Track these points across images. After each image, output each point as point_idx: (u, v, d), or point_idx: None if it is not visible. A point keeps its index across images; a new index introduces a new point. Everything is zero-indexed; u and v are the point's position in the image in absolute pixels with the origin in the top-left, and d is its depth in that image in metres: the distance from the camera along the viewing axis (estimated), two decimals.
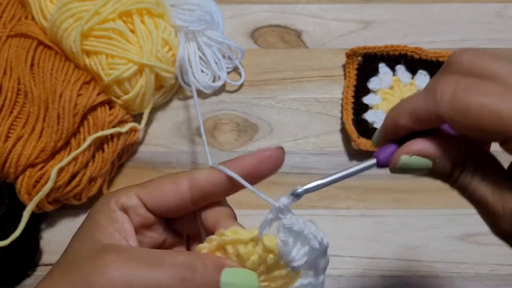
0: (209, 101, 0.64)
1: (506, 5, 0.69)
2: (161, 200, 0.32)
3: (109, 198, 0.32)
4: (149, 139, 0.62)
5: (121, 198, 0.32)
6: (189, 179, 0.32)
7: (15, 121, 0.53)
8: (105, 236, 0.31)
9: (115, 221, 0.31)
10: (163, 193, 0.32)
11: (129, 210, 0.32)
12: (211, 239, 0.31)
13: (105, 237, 0.31)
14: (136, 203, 0.32)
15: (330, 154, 0.61)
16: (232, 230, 0.30)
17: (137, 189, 0.33)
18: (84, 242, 0.31)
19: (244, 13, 0.70)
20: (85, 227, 0.32)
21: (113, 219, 0.31)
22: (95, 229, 0.31)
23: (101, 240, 0.30)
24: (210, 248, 0.31)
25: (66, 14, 0.55)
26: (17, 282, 0.54)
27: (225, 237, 0.30)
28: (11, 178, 0.52)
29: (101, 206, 0.32)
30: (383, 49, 0.64)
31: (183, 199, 0.32)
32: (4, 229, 0.51)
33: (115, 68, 0.56)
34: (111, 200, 0.32)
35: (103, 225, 0.31)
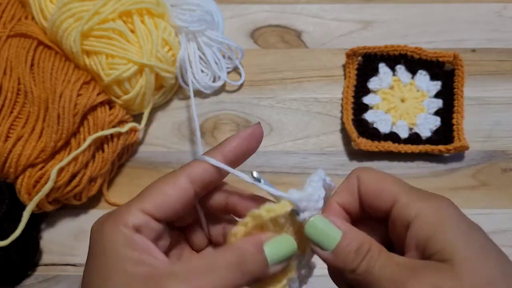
0: (209, 101, 0.64)
1: (506, 5, 0.69)
2: (168, 207, 0.32)
3: (115, 222, 0.31)
4: (149, 139, 0.62)
5: (128, 219, 0.31)
6: (187, 176, 0.33)
7: (15, 121, 0.53)
8: (138, 265, 0.29)
9: (136, 245, 0.30)
10: (168, 199, 0.32)
11: (141, 228, 0.31)
12: (246, 222, 0.32)
13: (138, 265, 0.29)
14: (145, 219, 0.31)
15: (330, 154, 0.61)
16: (266, 209, 0.32)
17: (139, 204, 0.32)
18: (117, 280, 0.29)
19: (244, 13, 0.70)
20: (105, 263, 0.30)
21: (133, 244, 0.30)
22: (121, 262, 0.29)
23: (137, 270, 0.29)
24: (247, 230, 0.32)
25: (66, 14, 0.55)
26: (17, 282, 0.54)
27: (263, 217, 0.32)
28: (11, 178, 0.52)
29: (110, 234, 0.30)
30: (383, 49, 0.64)
31: (189, 198, 0.33)
32: (4, 229, 0.51)
33: (115, 68, 0.56)
34: (118, 225, 0.30)
35: (127, 256, 0.29)
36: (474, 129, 0.61)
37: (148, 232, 0.31)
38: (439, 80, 0.63)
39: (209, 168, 0.33)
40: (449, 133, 0.60)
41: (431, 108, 0.62)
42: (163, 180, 0.33)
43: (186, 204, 0.33)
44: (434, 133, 0.60)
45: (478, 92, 0.63)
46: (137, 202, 0.32)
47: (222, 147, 0.34)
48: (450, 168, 0.59)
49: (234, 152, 0.34)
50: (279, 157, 0.61)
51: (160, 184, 0.33)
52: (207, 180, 0.33)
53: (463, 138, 0.59)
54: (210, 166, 0.33)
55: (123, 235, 0.30)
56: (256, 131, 0.35)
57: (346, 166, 0.60)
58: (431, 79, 0.63)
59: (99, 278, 0.30)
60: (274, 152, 0.61)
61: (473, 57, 0.66)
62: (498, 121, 0.62)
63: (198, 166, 0.33)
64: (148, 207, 0.31)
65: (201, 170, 0.33)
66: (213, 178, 0.34)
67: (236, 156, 0.34)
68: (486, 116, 0.62)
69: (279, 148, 0.61)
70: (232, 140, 0.34)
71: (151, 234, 0.32)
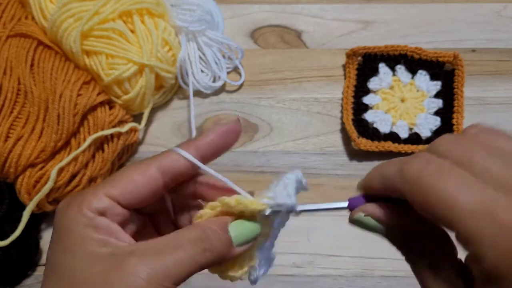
0: (209, 101, 0.64)
1: (506, 5, 0.69)
2: (135, 194, 0.32)
3: (79, 205, 0.31)
4: (149, 139, 0.62)
5: (93, 203, 0.31)
6: (157, 166, 0.32)
7: (15, 121, 0.53)
8: (101, 245, 0.29)
9: (99, 227, 0.30)
10: (135, 187, 0.32)
11: (106, 212, 0.31)
12: (215, 205, 0.32)
13: (102, 246, 0.29)
14: (110, 204, 0.31)
15: (330, 154, 0.61)
16: (236, 200, 0.32)
17: (105, 189, 0.31)
18: (79, 258, 0.29)
19: (244, 13, 0.70)
20: (68, 241, 0.30)
21: (97, 226, 0.30)
22: (84, 242, 0.29)
23: (100, 250, 0.29)
24: (213, 214, 0.33)
25: (66, 14, 0.55)
26: (17, 282, 0.54)
27: (232, 208, 0.32)
28: (11, 178, 0.52)
29: (74, 216, 0.30)
30: (383, 49, 0.64)
31: (157, 187, 0.32)
32: (4, 229, 0.51)
33: (115, 68, 0.56)
34: (82, 207, 0.30)
35: (90, 236, 0.30)
36: None
37: (113, 216, 0.31)
38: (439, 80, 0.63)
39: (181, 160, 0.33)
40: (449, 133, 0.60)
41: (431, 108, 0.62)
42: (133, 167, 0.33)
43: (153, 193, 0.33)
44: (434, 133, 0.60)
45: (478, 92, 0.64)
46: (103, 187, 0.31)
47: (196, 141, 0.34)
48: None
49: (208, 146, 0.34)
50: (279, 157, 0.61)
51: (130, 171, 0.32)
52: (177, 172, 0.33)
53: None
54: (182, 158, 0.33)
55: (87, 217, 0.30)
56: (234, 127, 0.34)
57: (346, 166, 0.60)
58: (431, 79, 0.63)
59: (62, 258, 0.30)
60: (274, 152, 0.61)
61: (473, 57, 0.66)
62: (498, 121, 0.62)
63: (169, 157, 0.33)
64: (114, 192, 0.31)
65: (172, 161, 0.33)
66: (184, 170, 0.33)
67: (210, 151, 0.34)
68: (486, 116, 0.62)
69: (279, 148, 0.61)
70: (208, 135, 0.34)
71: (115, 219, 0.31)
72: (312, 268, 0.56)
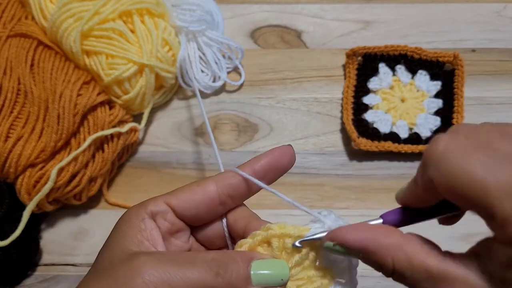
0: (209, 101, 0.64)
1: (506, 5, 0.69)
2: (190, 202, 0.33)
3: (139, 207, 0.33)
4: (149, 139, 0.62)
5: (150, 206, 0.33)
6: (214, 181, 0.34)
7: (15, 121, 0.53)
8: (133, 244, 0.31)
9: (143, 229, 0.32)
10: (192, 196, 0.33)
11: (157, 216, 0.33)
12: (255, 234, 0.32)
13: (134, 245, 0.31)
14: (164, 208, 0.33)
15: (330, 154, 0.61)
16: (279, 225, 0.31)
17: (165, 196, 0.34)
18: (114, 251, 0.31)
19: (244, 13, 0.70)
20: (114, 237, 0.32)
21: (141, 227, 0.32)
22: (123, 238, 0.32)
23: (131, 247, 0.31)
24: (253, 243, 0.32)
25: (66, 14, 0.55)
26: (17, 282, 0.54)
27: (272, 230, 0.31)
28: (11, 178, 0.52)
29: (129, 216, 0.33)
30: (383, 49, 0.64)
31: (212, 200, 0.34)
32: (4, 229, 0.51)
33: (115, 68, 0.56)
34: (140, 209, 0.33)
35: (131, 234, 0.32)
36: None
37: (162, 221, 0.33)
38: (439, 80, 0.63)
39: (237, 178, 0.34)
40: None
41: (431, 108, 0.62)
42: (194, 182, 0.35)
43: (208, 207, 0.34)
44: (434, 133, 0.60)
45: (478, 92, 0.63)
46: (165, 195, 0.34)
47: (252, 163, 0.35)
48: None
49: (264, 167, 0.35)
50: None
51: (190, 184, 0.34)
52: (233, 190, 0.34)
53: None
54: (238, 177, 0.34)
55: (138, 217, 0.32)
56: (287, 150, 0.36)
57: (346, 166, 0.60)
58: (431, 79, 0.63)
59: (104, 247, 0.32)
60: None
61: (473, 57, 0.66)
62: (498, 121, 0.62)
63: (227, 175, 0.34)
64: (171, 199, 0.33)
65: (229, 179, 0.34)
66: (240, 190, 0.34)
67: (266, 172, 0.35)
68: (486, 116, 0.62)
69: None
70: (263, 157, 0.35)
71: (165, 225, 0.33)
72: None
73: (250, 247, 0.32)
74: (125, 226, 0.32)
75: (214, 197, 0.34)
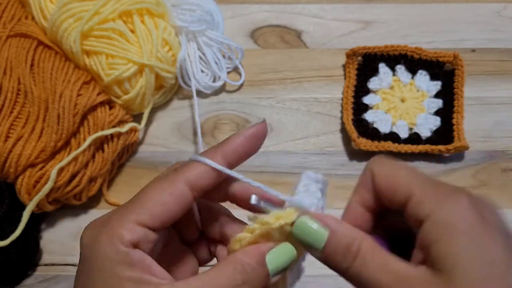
0: (209, 101, 0.64)
1: (506, 5, 0.69)
2: (166, 216, 0.30)
3: (110, 237, 0.28)
4: (149, 139, 0.62)
5: (125, 235, 0.28)
6: (185, 181, 0.31)
7: (15, 121, 0.53)
8: (137, 285, 0.28)
9: (134, 263, 0.28)
10: (166, 208, 0.30)
11: (139, 243, 0.29)
12: (253, 228, 0.31)
13: (137, 285, 0.28)
14: (143, 233, 0.29)
15: (330, 154, 0.61)
16: (275, 216, 0.31)
17: (134, 216, 0.29)
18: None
19: (244, 13, 0.70)
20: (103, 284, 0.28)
21: (131, 262, 0.28)
22: (120, 283, 0.27)
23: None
24: (253, 237, 0.31)
25: (66, 14, 0.55)
26: (17, 282, 0.54)
27: (272, 224, 0.31)
28: (11, 178, 0.52)
29: (107, 252, 0.28)
30: (383, 49, 0.64)
31: (187, 204, 0.31)
32: (4, 229, 0.51)
33: (115, 68, 0.56)
34: (113, 240, 0.28)
35: (125, 276, 0.28)
36: (474, 129, 0.61)
37: (146, 245, 0.29)
38: (439, 80, 0.63)
39: (208, 170, 0.31)
40: (449, 133, 0.60)
41: (431, 108, 0.62)
42: (158, 186, 0.31)
43: (184, 210, 0.31)
44: (434, 133, 0.60)
45: (478, 92, 0.63)
46: (131, 213, 0.29)
47: (223, 147, 0.32)
48: (450, 168, 0.59)
49: (236, 152, 0.32)
50: (279, 157, 0.61)
51: (156, 191, 0.30)
52: (206, 184, 0.31)
53: (463, 138, 0.59)
54: (209, 168, 0.31)
55: (120, 253, 0.28)
56: (260, 130, 0.33)
57: (346, 166, 0.60)
58: (431, 79, 0.63)
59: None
60: (274, 152, 0.61)
61: (473, 57, 0.66)
62: (498, 121, 0.62)
63: (196, 168, 0.31)
64: (145, 219, 0.29)
65: (199, 173, 0.31)
66: (212, 181, 0.32)
67: (238, 157, 0.32)
68: (486, 116, 0.62)
69: (279, 148, 0.61)
70: (234, 140, 0.32)
71: (148, 247, 0.30)
72: (312, 268, 0.55)
73: (249, 242, 0.32)
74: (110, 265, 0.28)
75: (188, 200, 0.31)
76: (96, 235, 0.29)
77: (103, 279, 0.28)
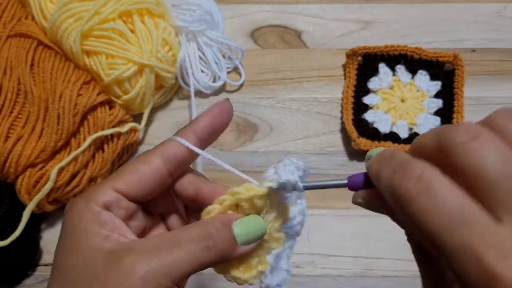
0: (209, 101, 0.64)
1: (506, 5, 0.69)
2: (141, 184, 0.32)
3: (86, 201, 0.31)
4: (149, 139, 0.62)
5: (99, 197, 0.31)
6: (159, 155, 0.33)
7: (15, 121, 0.53)
8: (102, 241, 0.29)
9: (104, 222, 0.30)
10: (140, 177, 0.32)
11: (111, 206, 0.31)
12: (223, 199, 0.32)
13: (103, 241, 0.29)
14: (116, 197, 0.31)
15: (330, 154, 0.61)
16: (245, 188, 0.32)
17: (111, 183, 0.32)
18: (83, 253, 0.29)
19: (244, 13, 0.70)
20: (72, 237, 0.30)
21: (101, 221, 0.30)
22: (85, 237, 0.29)
23: (102, 245, 0.29)
24: (222, 208, 0.32)
25: (66, 14, 0.55)
26: (17, 282, 0.54)
27: (241, 195, 0.31)
28: (11, 178, 0.52)
29: (80, 212, 0.30)
30: (383, 49, 0.64)
31: (162, 177, 0.33)
32: (4, 229, 0.51)
33: (115, 68, 0.56)
34: (89, 202, 0.31)
35: (94, 231, 0.30)
36: None
37: (118, 210, 0.31)
38: (439, 80, 0.63)
39: (182, 148, 0.33)
40: None
41: (431, 108, 0.62)
42: (136, 159, 0.33)
43: (159, 183, 0.33)
44: None
45: (478, 92, 0.64)
46: (109, 181, 0.32)
47: (194, 125, 0.34)
48: None
49: (207, 130, 0.34)
50: (279, 157, 0.60)
51: (134, 164, 0.33)
52: (180, 160, 0.33)
53: None
54: (183, 146, 0.33)
55: (92, 212, 0.30)
56: (225, 106, 0.35)
57: (346, 166, 0.60)
58: (431, 79, 0.63)
59: (65, 252, 0.30)
60: (274, 152, 0.61)
61: (473, 57, 0.66)
62: None
63: (171, 145, 0.33)
64: (120, 185, 0.31)
65: (174, 149, 0.33)
66: (186, 157, 0.34)
67: (209, 134, 0.34)
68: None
69: (279, 148, 0.61)
70: (203, 118, 0.34)
71: (121, 213, 0.32)
72: (312, 268, 0.56)
73: (219, 213, 0.32)
74: (81, 223, 0.30)
75: (163, 173, 0.32)
76: (76, 200, 0.32)
77: (74, 235, 0.30)
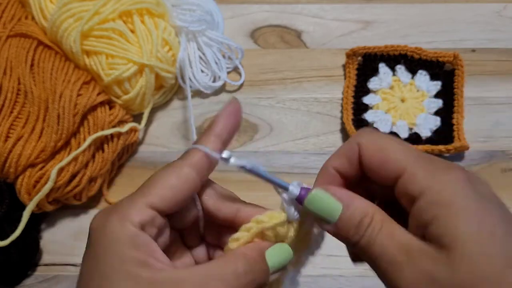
0: (209, 101, 0.64)
1: (506, 5, 0.69)
2: (175, 199, 0.31)
3: (121, 219, 0.29)
4: (149, 139, 0.62)
5: (135, 216, 0.29)
6: (189, 165, 0.32)
7: (15, 121, 0.53)
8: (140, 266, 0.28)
9: (140, 245, 0.28)
10: (175, 192, 0.31)
11: (146, 225, 0.29)
12: (249, 227, 0.32)
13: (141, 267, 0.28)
14: (152, 215, 0.30)
15: (330, 154, 0.61)
16: (268, 216, 0.32)
17: (144, 198, 0.30)
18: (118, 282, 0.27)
19: (244, 13, 0.70)
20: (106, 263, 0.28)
21: (138, 244, 0.28)
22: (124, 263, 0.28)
23: (139, 273, 0.27)
24: (249, 236, 0.33)
25: (66, 14, 0.55)
26: (17, 282, 0.54)
27: (266, 223, 0.32)
28: (11, 178, 0.52)
29: (114, 232, 0.28)
30: (383, 49, 0.64)
31: (195, 187, 0.32)
32: (4, 229, 0.51)
33: (115, 68, 0.56)
34: (124, 222, 0.29)
35: (131, 256, 0.28)
36: (474, 129, 0.61)
37: (152, 229, 0.30)
38: (439, 80, 0.63)
39: (206, 158, 0.32)
40: (449, 133, 0.60)
41: (431, 108, 0.62)
42: (165, 172, 0.31)
43: (191, 196, 0.32)
44: (434, 133, 0.60)
45: (478, 92, 0.63)
46: (142, 196, 0.30)
47: (215, 130, 0.33)
48: None
49: (226, 131, 0.34)
50: (279, 157, 0.61)
51: (164, 176, 0.31)
52: (207, 168, 0.33)
53: (463, 138, 0.59)
54: (207, 156, 0.32)
55: (127, 234, 0.28)
56: (237, 105, 0.35)
57: None
58: (431, 79, 0.63)
59: (99, 278, 0.28)
60: (274, 152, 0.61)
61: (473, 57, 0.66)
62: (498, 121, 0.62)
63: (197, 154, 0.32)
64: (155, 201, 0.30)
65: (204, 159, 0.32)
66: (213, 166, 0.33)
67: (228, 135, 0.34)
68: (486, 116, 0.62)
69: (279, 148, 0.61)
70: (221, 120, 0.34)
71: (153, 231, 0.30)
72: (312, 268, 0.56)
73: (247, 241, 0.32)
74: (116, 246, 0.28)
75: (197, 185, 0.32)
76: (106, 217, 0.29)
77: (109, 259, 0.28)
